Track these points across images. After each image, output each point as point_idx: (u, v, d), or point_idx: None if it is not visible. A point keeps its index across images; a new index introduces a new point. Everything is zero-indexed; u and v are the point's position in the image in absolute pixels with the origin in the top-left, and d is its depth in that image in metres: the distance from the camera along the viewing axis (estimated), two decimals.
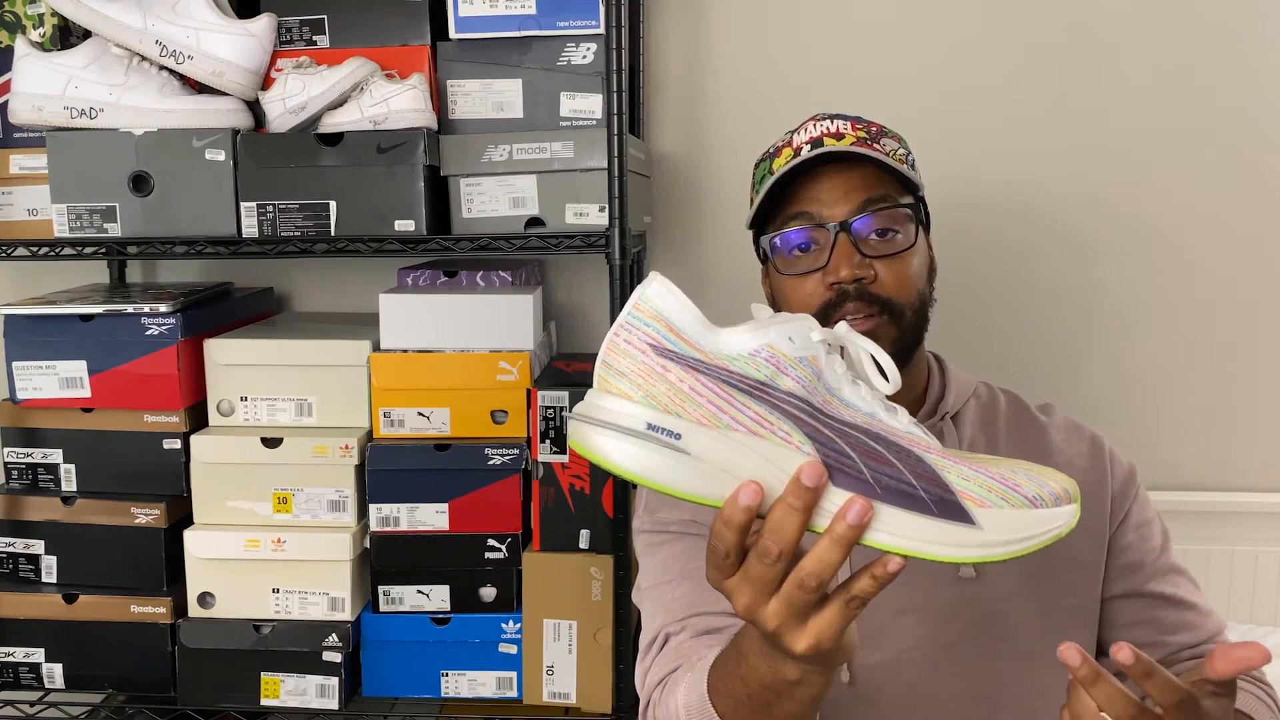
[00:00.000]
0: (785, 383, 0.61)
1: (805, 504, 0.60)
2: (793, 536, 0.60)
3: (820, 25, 1.63)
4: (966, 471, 0.63)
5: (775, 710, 0.71)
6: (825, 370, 0.63)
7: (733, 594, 0.64)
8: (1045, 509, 0.63)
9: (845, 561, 0.61)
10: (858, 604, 0.62)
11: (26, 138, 1.46)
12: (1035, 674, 0.99)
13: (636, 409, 0.61)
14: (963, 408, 1.05)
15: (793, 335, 0.62)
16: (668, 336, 0.61)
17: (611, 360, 0.62)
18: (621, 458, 0.60)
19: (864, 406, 0.63)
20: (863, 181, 0.96)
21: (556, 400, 1.36)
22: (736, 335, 0.62)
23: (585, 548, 1.39)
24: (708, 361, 0.61)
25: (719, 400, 0.61)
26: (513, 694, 1.43)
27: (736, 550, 0.62)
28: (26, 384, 1.41)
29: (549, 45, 1.37)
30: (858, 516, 0.59)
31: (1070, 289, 1.66)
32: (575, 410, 0.63)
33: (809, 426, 0.61)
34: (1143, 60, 1.60)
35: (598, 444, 0.61)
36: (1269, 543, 1.64)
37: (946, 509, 0.61)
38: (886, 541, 0.61)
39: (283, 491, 1.40)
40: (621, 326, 0.62)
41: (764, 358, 0.61)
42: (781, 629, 0.62)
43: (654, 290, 0.62)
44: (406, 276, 1.50)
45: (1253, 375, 1.66)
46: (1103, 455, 1.05)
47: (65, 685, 1.45)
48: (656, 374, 0.61)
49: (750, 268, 1.10)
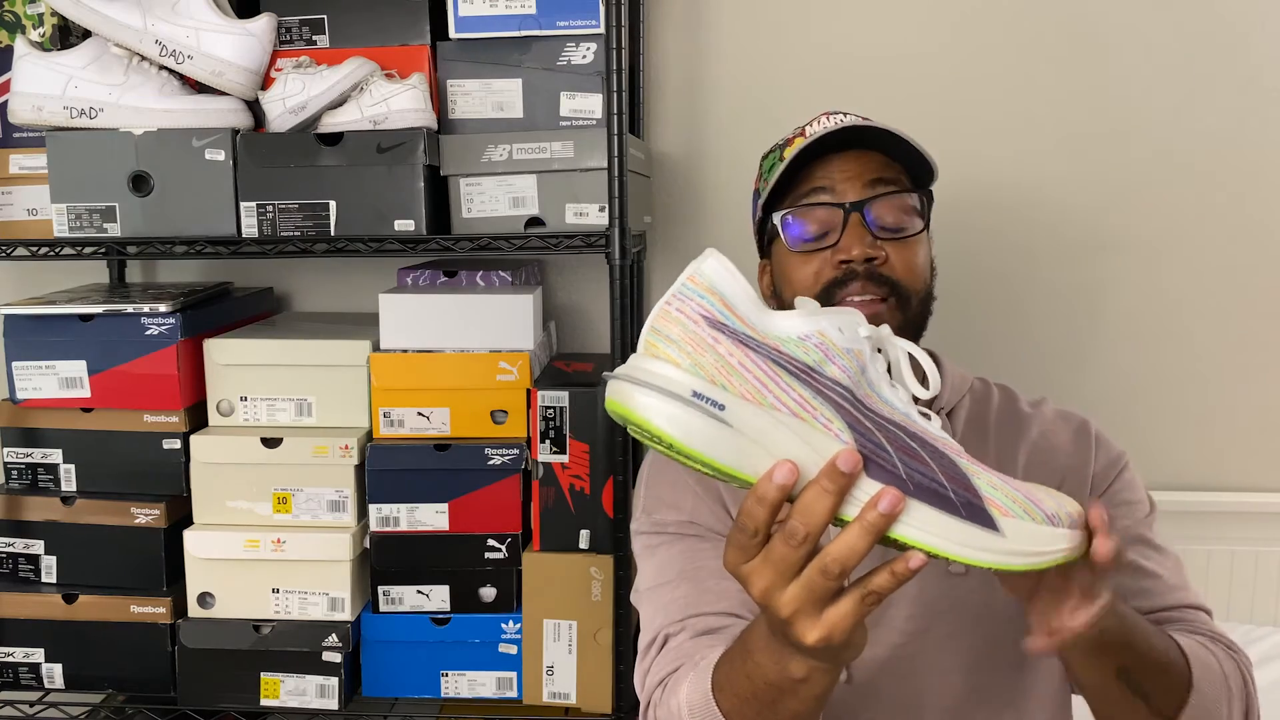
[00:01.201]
0: (832, 370, 0.62)
1: (839, 488, 0.60)
2: (822, 520, 0.60)
3: (820, 25, 1.63)
4: (995, 480, 0.64)
5: (780, 708, 0.71)
6: (869, 365, 0.64)
7: (751, 577, 0.64)
8: (1062, 528, 0.63)
9: (871, 548, 0.61)
10: (874, 599, 0.62)
11: (26, 138, 1.46)
12: (1027, 665, 1.00)
13: (683, 375, 0.61)
14: (959, 403, 1.06)
15: (842, 327, 0.63)
16: (721, 310, 0.62)
17: (661, 326, 0.62)
18: (663, 420, 0.60)
19: (901, 407, 0.64)
20: (875, 166, 0.98)
21: (556, 400, 1.36)
22: (789, 318, 0.63)
23: (585, 548, 1.39)
24: (759, 339, 0.62)
25: (765, 378, 0.61)
26: (513, 694, 1.43)
27: (765, 528, 0.62)
28: (26, 384, 1.41)
29: (549, 45, 1.37)
30: (889, 506, 0.60)
31: (1070, 289, 1.66)
32: (617, 371, 0.62)
33: (850, 416, 0.62)
34: (1143, 60, 1.60)
35: (641, 403, 0.60)
36: (1269, 543, 1.64)
37: (974, 513, 0.62)
38: (914, 536, 0.61)
39: (282, 491, 1.40)
40: (675, 296, 0.63)
41: (814, 343, 0.62)
42: (795, 616, 0.63)
43: (710, 265, 0.63)
44: (406, 276, 1.50)
45: (1252, 375, 1.66)
46: (1088, 439, 1.05)
47: (65, 685, 1.45)
48: (707, 344, 0.61)
49: (749, 268, 1.09)
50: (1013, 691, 1.00)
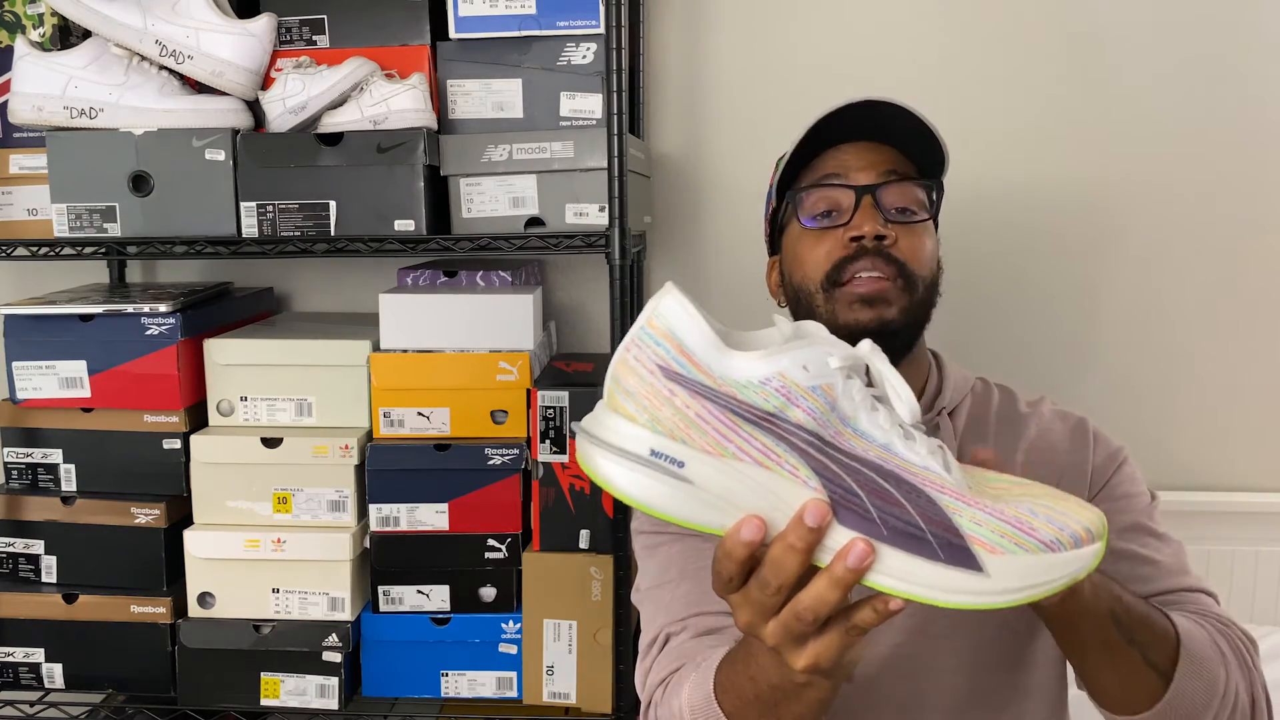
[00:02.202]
0: (795, 414, 0.60)
1: (807, 544, 0.59)
2: (792, 574, 0.60)
3: (820, 25, 1.63)
4: (980, 515, 0.61)
5: (782, 711, 0.72)
6: (841, 399, 0.61)
7: (735, 609, 0.64)
8: (1064, 552, 0.61)
9: (844, 599, 0.61)
10: (857, 632, 0.62)
11: (26, 138, 1.46)
12: (1024, 664, 1.00)
13: (641, 433, 0.60)
14: (960, 403, 1.06)
15: (808, 363, 0.60)
16: (677, 359, 0.60)
17: (620, 377, 0.61)
18: (623, 484, 0.60)
19: (880, 437, 0.61)
20: (889, 158, 1.00)
21: (556, 400, 1.36)
22: (749, 361, 0.60)
23: (585, 548, 1.39)
24: (715, 389, 0.60)
25: (725, 429, 0.59)
26: (513, 694, 1.43)
27: (739, 576, 0.62)
28: (26, 384, 1.41)
29: (549, 45, 1.37)
30: (857, 560, 0.59)
31: (1070, 289, 1.66)
32: (583, 424, 0.62)
33: (816, 461, 0.60)
34: (1143, 59, 1.60)
35: (601, 467, 0.60)
36: (1269, 543, 1.64)
37: (954, 554, 0.60)
38: (888, 585, 0.60)
39: (283, 491, 1.40)
40: (633, 342, 0.61)
41: (774, 387, 0.59)
42: (780, 648, 0.63)
43: (667, 305, 0.60)
44: (406, 276, 1.50)
45: (1253, 375, 1.66)
46: (1085, 435, 1.06)
47: (65, 685, 1.45)
48: (663, 397, 0.60)
49: (749, 267, 1.10)
50: (1011, 690, 1.00)
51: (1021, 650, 1.01)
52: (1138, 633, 0.83)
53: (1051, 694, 1.02)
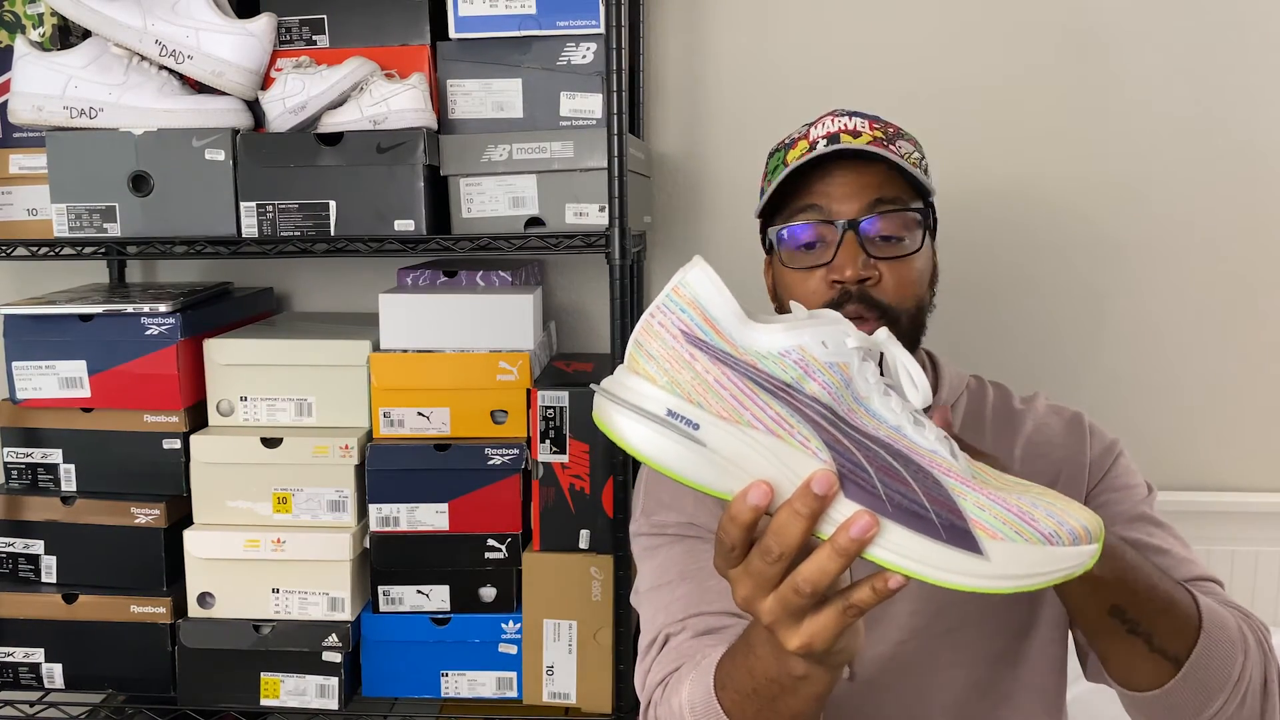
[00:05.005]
0: (811, 387, 0.61)
1: (811, 511, 0.60)
2: (795, 541, 0.60)
3: (820, 25, 1.63)
4: (984, 500, 0.62)
5: (780, 706, 0.72)
6: (855, 378, 0.62)
7: (734, 583, 0.64)
8: (1060, 547, 0.62)
9: (845, 571, 0.61)
10: (855, 612, 0.62)
11: (26, 138, 1.46)
12: (1023, 661, 1.00)
13: (659, 393, 0.61)
14: (955, 401, 1.06)
15: (826, 340, 0.62)
16: (701, 325, 0.62)
17: (643, 340, 0.62)
18: (637, 440, 0.61)
19: (891, 419, 0.63)
20: (874, 181, 0.97)
21: (556, 400, 1.36)
22: (770, 333, 0.62)
23: (585, 548, 1.39)
24: (736, 356, 0.61)
25: (742, 396, 0.61)
26: (513, 694, 1.43)
27: (742, 545, 0.62)
28: (26, 384, 1.41)
29: (549, 45, 1.37)
30: (860, 531, 0.59)
31: (1070, 289, 1.66)
32: (602, 384, 0.63)
33: (828, 434, 0.61)
34: (1144, 59, 1.60)
35: (617, 422, 0.62)
36: (1269, 543, 1.64)
37: (955, 535, 0.61)
38: (889, 559, 0.60)
39: (282, 491, 1.40)
40: (658, 308, 0.62)
41: (793, 360, 0.61)
42: (775, 625, 0.63)
43: (694, 276, 0.62)
44: (406, 276, 1.50)
45: (1253, 375, 1.66)
46: (1081, 429, 1.06)
47: (65, 685, 1.45)
48: (684, 361, 0.61)
49: (750, 267, 1.10)
50: (1011, 685, 1.01)
51: (1020, 649, 1.01)
52: (1146, 622, 0.84)
53: (1050, 692, 1.03)
